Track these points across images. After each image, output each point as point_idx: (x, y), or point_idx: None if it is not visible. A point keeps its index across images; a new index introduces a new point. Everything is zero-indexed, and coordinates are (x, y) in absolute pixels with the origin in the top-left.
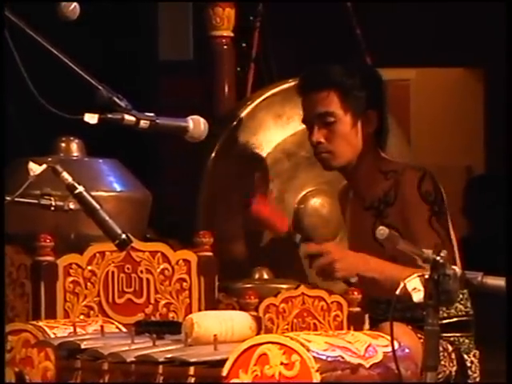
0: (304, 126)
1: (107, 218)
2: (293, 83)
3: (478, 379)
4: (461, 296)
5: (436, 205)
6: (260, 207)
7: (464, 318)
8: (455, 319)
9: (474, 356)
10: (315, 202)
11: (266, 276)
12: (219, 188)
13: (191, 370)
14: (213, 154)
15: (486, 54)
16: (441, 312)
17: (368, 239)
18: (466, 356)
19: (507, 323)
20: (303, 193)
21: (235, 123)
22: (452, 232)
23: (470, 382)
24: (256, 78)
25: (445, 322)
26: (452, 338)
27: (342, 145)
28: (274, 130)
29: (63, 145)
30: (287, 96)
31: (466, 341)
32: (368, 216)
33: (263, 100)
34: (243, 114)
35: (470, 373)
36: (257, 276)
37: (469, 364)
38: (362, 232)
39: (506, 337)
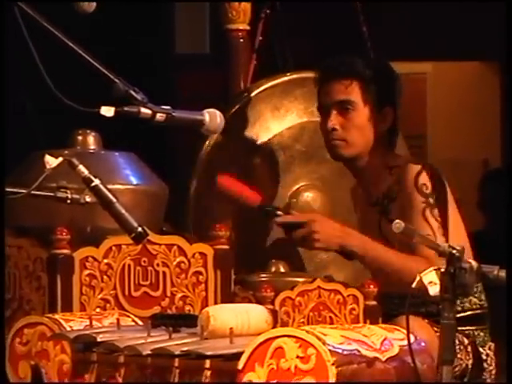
0: (302, 120)
1: (123, 211)
2: (293, 76)
3: (493, 372)
4: (475, 289)
5: (432, 197)
6: (226, 181)
7: (478, 311)
8: (470, 312)
9: (490, 349)
10: (307, 196)
11: (282, 269)
12: (213, 179)
13: (207, 363)
14: (208, 142)
15: (502, 48)
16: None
17: (375, 235)
18: (481, 349)
19: (507, 319)
20: (296, 187)
21: (233, 112)
22: (460, 225)
23: (485, 374)
24: (257, 68)
25: (459, 315)
26: (467, 331)
27: (355, 135)
28: (271, 122)
29: (80, 138)
30: (287, 89)
31: (481, 334)
32: (374, 212)
33: (262, 91)
34: (241, 104)
35: (485, 365)
36: (273, 269)
37: (484, 357)
38: (370, 228)
39: (506, 335)
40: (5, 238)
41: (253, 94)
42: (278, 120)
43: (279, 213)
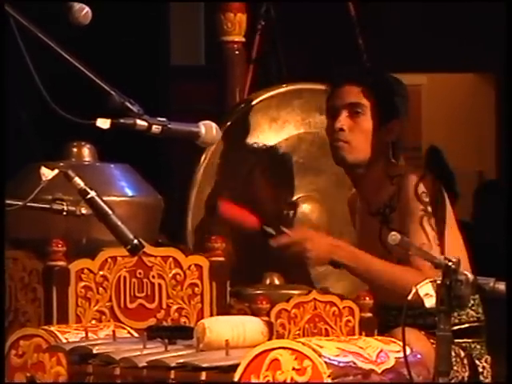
0: (299, 131)
1: (119, 223)
2: (290, 87)
3: None
4: (472, 302)
5: (431, 206)
6: (227, 208)
7: (475, 324)
8: (467, 325)
9: (486, 361)
10: (305, 207)
11: (276, 281)
12: (212, 188)
13: (203, 375)
14: (207, 155)
15: (496, 59)
16: (452, 318)
17: (375, 245)
18: (477, 361)
19: (508, 327)
20: (293, 198)
21: (230, 124)
22: (458, 238)
23: None
24: (254, 80)
25: (456, 327)
26: (464, 344)
27: (360, 139)
28: (269, 134)
29: (75, 150)
30: (284, 100)
31: (478, 346)
32: (374, 222)
33: (259, 102)
34: (238, 115)
35: (481, 378)
36: (268, 281)
37: (481, 369)
38: (370, 238)
39: (506, 339)
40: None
41: (250, 105)
42: (275, 131)
43: (274, 233)
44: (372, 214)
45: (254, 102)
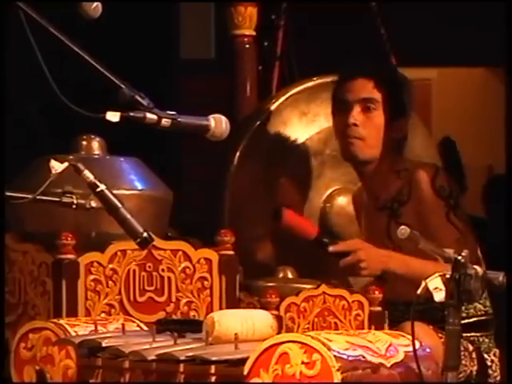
0: (330, 124)
1: (129, 217)
2: (318, 81)
3: (498, 378)
4: None
5: (452, 199)
6: (289, 218)
7: (484, 318)
8: (475, 319)
9: (495, 355)
10: (341, 200)
11: (290, 275)
12: (244, 186)
13: (212, 368)
14: (238, 153)
15: (507, 53)
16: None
17: (383, 240)
18: (486, 355)
19: (508, 322)
20: (329, 191)
21: (260, 121)
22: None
23: (490, 381)
24: (280, 76)
25: (464, 321)
26: (472, 338)
27: (373, 135)
28: (299, 128)
29: (85, 143)
30: (312, 94)
31: (486, 340)
32: (382, 216)
33: (288, 97)
34: (268, 112)
35: (490, 372)
36: (281, 275)
37: (489, 363)
38: (377, 233)
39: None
40: (8, 243)
41: (278, 102)
42: (306, 125)
43: (328, 242)
44: (379, 209)
45: (282, 99)
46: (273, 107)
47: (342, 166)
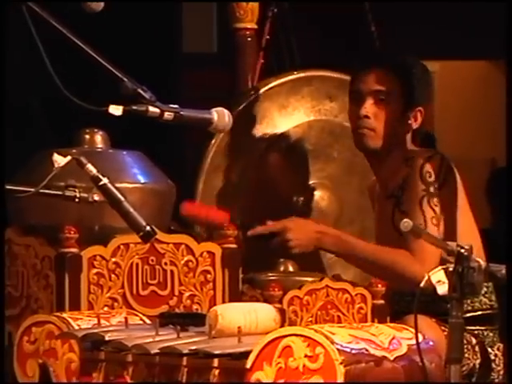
0: (309, 119)
1: (131, 210)
2: (301, 75)
3: (501, 372)
4: (485, 289)
5: (433, 186)
6: (190, 208)
7: (488, 312)
8: (479, 312)
9: (498, 349)
10: (315, 195)
11: (291, 268)
12: (220, 176)
13: (215, 362)
14: (215, 141)
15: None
16: (465, 305)
17: (389, 228)
18: (489, 349)
19: (507, 316)
20: (305, 186)
21: (239, 111)
22: (471, 222)
23: (493, 374)
24: (263, 67)
25: (469, 315)
26: (476, 331)
27: (385, 126)
28: (278, 121)
29: (87, 137)
30: (294, 87)
31: (490, 334)
32: (388, 205)
33: (269, 89)
34: (248, 102)
35: (493, 366)
36: (282, 268)
37: (493, 357)
38: (385, 222)
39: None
40: (11, 236)
41: (260, 92)
42: (285, 118)
43: (245, 225)
44: (387, 197)
45: (263, 90)
46: (252, 98)
47: (319, 162)
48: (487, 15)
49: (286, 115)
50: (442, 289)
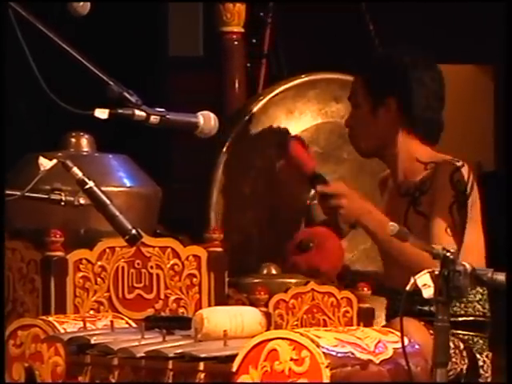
0: (316, 122)
1: (117, 214)
2: (305, 79)
3: (489, 380)
4: (480, 296)
5: (463, 196)
6: (295, 148)
7: (480, 319)
8: (472, 318)
9: (487, 357)
10: None
11: (274, 271)
12: (230, 183)
13: (201, 365)
14: (224, 149)
15: (496, 51)
16: (458, 309)
17: (399, 224)
18: (478, 355)
19: (507, 320)
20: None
21: (247, 118)
22: (479, 233)
23: (481, 381)
24: (267, 73)
25: (461, 319)
26: (466, 337)
27: (362, 130)
28: (286, 126)
29: (73, 140)
30: (299, 91)
31: (480, 341)
32: (403, 202)
33: (275, 95)
34: (255, 110)
35: (481, 372)
36: (265, 272)
37: (481, 363)
38: (395, 217)
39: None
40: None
41: (265, 100)
42: (292, 123)
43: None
44: (401, 195)
45: (269, 96)
46: (259, 105)
47: (328, 164)
48: (475, 19)
49: (294, 119)
50: (428, 292)
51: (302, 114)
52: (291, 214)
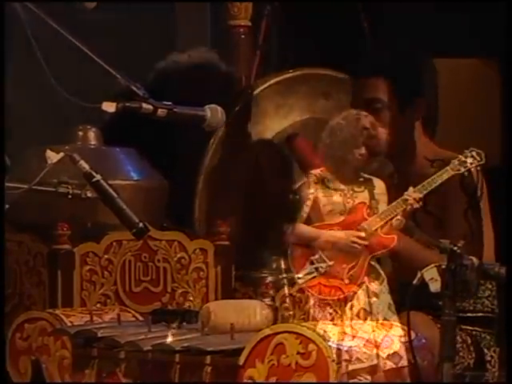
0: (303, 118)
1: (124, 207)
2: (295, 73)
3: (496, 374)
4: (488, 292)
5: (475, 199)
6: (302, 143)
7: (489, 315)
8: (480, 314)
9: (495, 352)
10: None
11: (283, 265)
12: (219, 174)
13: (208, 358)
14: (214, 140)
15: (500, 44)
16: (467, 305)
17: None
18: (486, 350)
19: (507, 315)
20: (301, 182)
21: (237, 110)
22: (489, 230)
23: (487, 375)
24: (260, 65)
25: (469, 314)
26: (474, 332)
27: (386, 132)
28: (275, 119)
29: (80, 133)
30: (290, 86)
31: (488, 337)
32: None
33: (266, 88)
34: (245, 101)
35: (489, 367)
36: (274, 266)
37: (488, 358)
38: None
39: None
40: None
41: (256, 92)
42: (281, 117)
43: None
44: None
45: (260, 88)
46: (250, 97)
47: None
48: (480, 12)
49: (282, 114)
50: (435, 286)
51: (290, 109)
52: (274, 205)
